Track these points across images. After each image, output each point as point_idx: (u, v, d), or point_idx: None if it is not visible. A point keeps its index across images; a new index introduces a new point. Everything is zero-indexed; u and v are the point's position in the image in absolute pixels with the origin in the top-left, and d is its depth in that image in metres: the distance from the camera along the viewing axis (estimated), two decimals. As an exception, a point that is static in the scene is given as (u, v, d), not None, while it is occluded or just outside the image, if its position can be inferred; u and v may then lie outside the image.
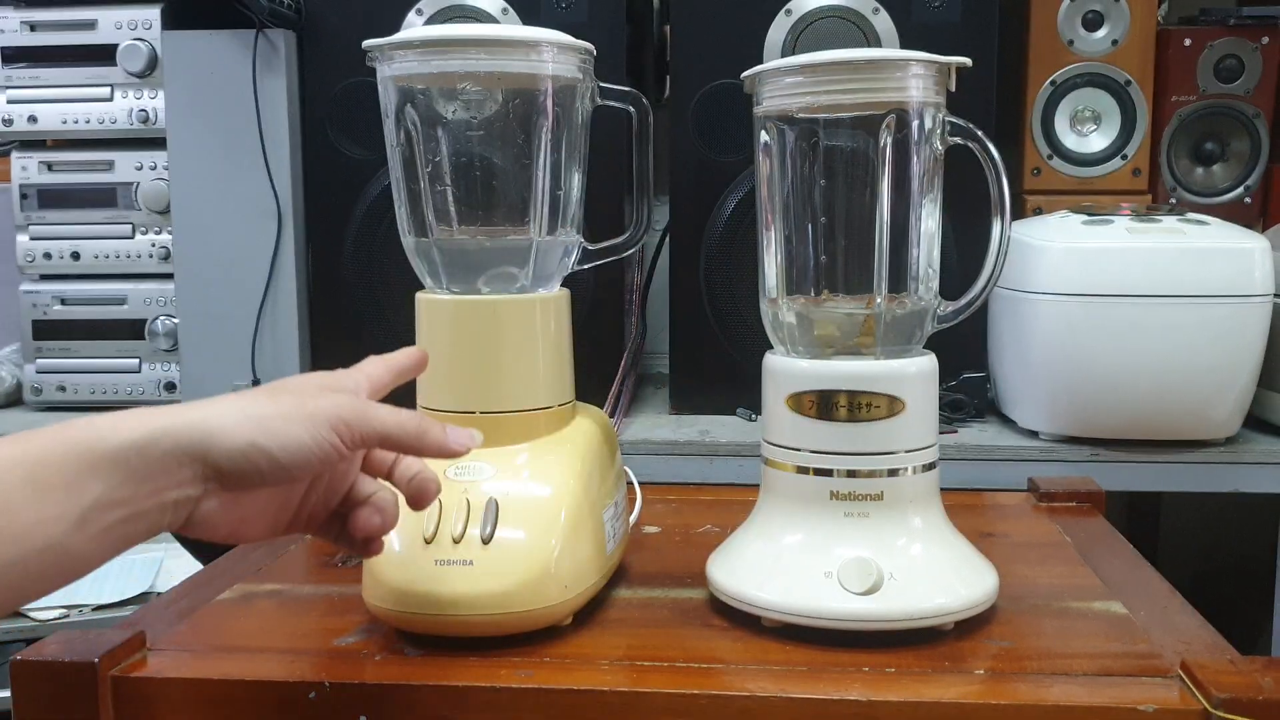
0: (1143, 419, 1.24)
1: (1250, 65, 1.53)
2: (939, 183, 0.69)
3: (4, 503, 0.44)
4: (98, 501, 0.46)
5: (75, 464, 0.46)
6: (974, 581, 0.65)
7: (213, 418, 0.49)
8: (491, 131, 0.71)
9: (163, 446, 0.47)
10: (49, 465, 0.45)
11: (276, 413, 0.51)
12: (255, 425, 0.50)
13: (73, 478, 0.45)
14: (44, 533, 0.44)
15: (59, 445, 0.46)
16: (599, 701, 0.57)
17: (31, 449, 0.45)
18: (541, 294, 0.72)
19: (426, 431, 0.55)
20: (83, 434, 0.46)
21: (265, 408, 0.51)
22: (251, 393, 0.53)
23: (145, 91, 1.41)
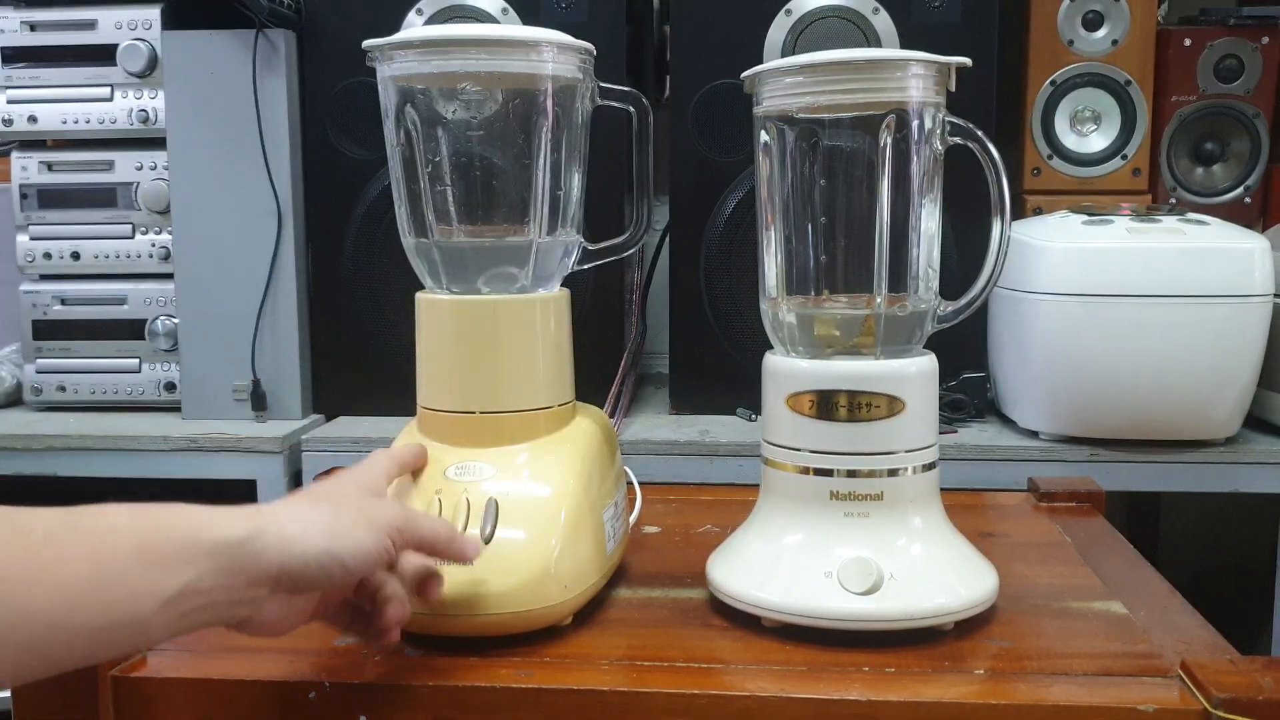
0: (1143, 419, 1.24)
1: (1250, 65, 1.53)
2: (939, 183, 0.69)
3: (117, 567, 0.46)
4: (187, 587, 0.47)
5: (178, 546, 0.48)
6: (974, 581, 0.65)
7: (292, 525, 0.52)
8: (491, 131, 0.71)
9: (251, 548, 0.50)
10: (157, 540, 0.47)
11: (345, 522, 0.54)
12: (328, 534, 0.53)
13: (172, 559, 0.47)
14: (134, 606, 0.46)
15: (167, 524, 0.48)
16: (599, 701, 0.57)
17: (145, 522, 0.48)
18: (541, 294, 0.72)
19: (454, 539, 0.60)
20: (187, 520, 0.49)
21: (334, 517, 0.54)
22: (314, 499, 0.57)
23: (145, 91, 1.41)
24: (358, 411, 1.42)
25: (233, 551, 0.49)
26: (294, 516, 0.52)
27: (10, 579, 0.43)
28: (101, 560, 0.45)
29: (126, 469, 1.33)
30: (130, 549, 0.46)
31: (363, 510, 0.56)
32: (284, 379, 1.39)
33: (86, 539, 0.46)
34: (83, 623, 0.44)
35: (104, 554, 0.45)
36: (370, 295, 1.39)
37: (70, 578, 0.44)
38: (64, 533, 0.45)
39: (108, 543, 0.46)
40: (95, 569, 0.45)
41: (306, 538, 0.52)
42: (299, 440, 1.33)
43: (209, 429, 1.34)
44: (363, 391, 1.40)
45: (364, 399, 1.41)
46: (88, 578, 0.45)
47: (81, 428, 1.37)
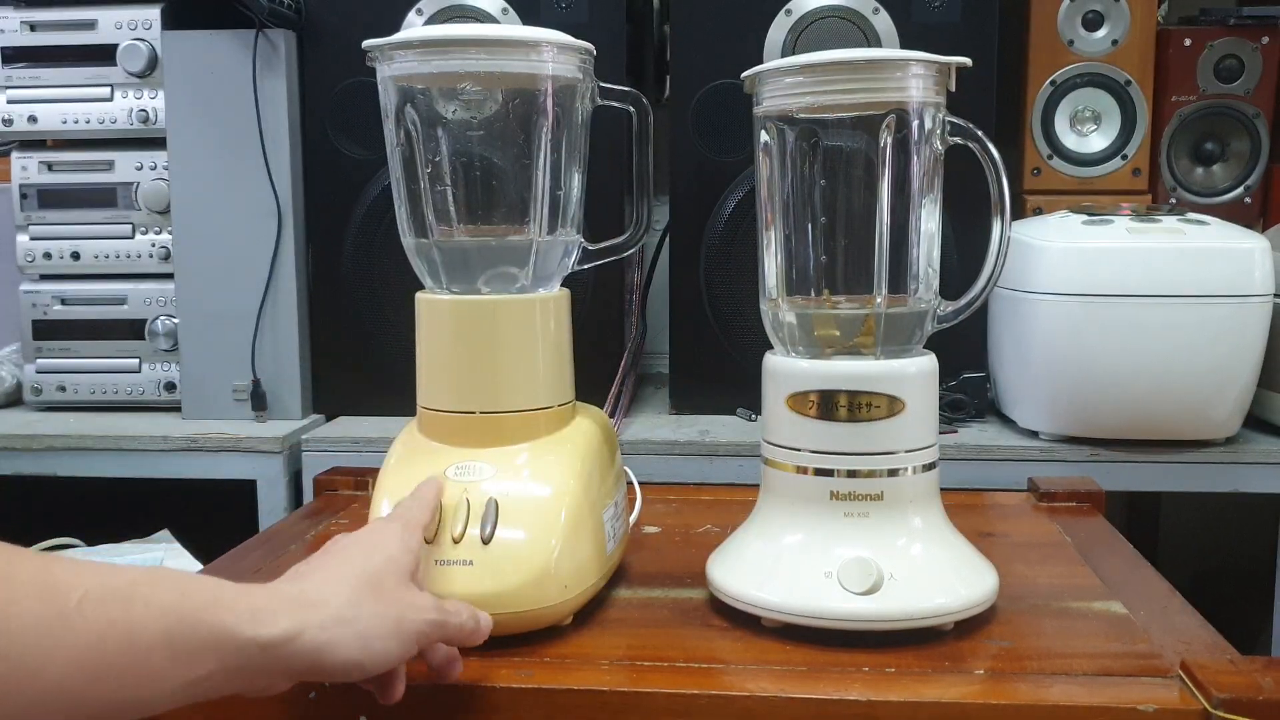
0: (1143, 419, 1.24)
1: (1250, 65, 1.53)
2: (939, 183, 0.69)
3: (145, 648, 0.45)
4: (207, 678, 0.47)
5: (208, 638, 0.47)
6: (974, 581, 0.65)
7: (328, 630, 0.51)
8: (491, 131, 0.71)
9: (283, 652, 0.49)
10: (189, 629, 0.46)
11: (380, 629, 0.53)
12: (361, 645, 0.52)
13: (201, 651, 0.46)
14: (153, 688, 0.45)
15: (203, 612, 0.47)
16: (599, 701, 0.57)
17: (182, 606, 0.46)
18: (541, 294, 0.72)
19: (475, 632, 0.58)
20: (226, 609, 0.48)
21: (369, 623, 0.52)
22: (355, 578, 0.54)
23: (145, 91, 1.41)
24: (358, 411, 1.42)
25: (265, 654, 0.48)
26: (334, 618, 0.51)
27: (36, 637, 0.42)
28: (132, 641, 0.45)
29: (126, 469, 1.33)
30: (160, 631, 0.45)
31: (399, 612, 0.54)
32: (284, 379, 1.39)
33: (122, 614, 0.45)
34: (97, 695, 0.44)
35: (136, 635, 0.45)
36: (370, 295, 1.39)
37: (96, 651, 0.44)
38: (100, 602, 0.44)
39: (141, 623, 0.45)
40: (123, 649, 0.44)
41: (340, 648, 0.51)
42: (299, 440, 1.33)
43: (209, 429, 1.34)
44: (363, 391, 1.40)
45: (364, 399, 1.41)
46: (114, 655, 0.44)
47: (81, 428, 1.37)
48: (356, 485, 0.95)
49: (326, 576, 0.54)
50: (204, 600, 0.47)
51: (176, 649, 0.46)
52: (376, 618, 0.53)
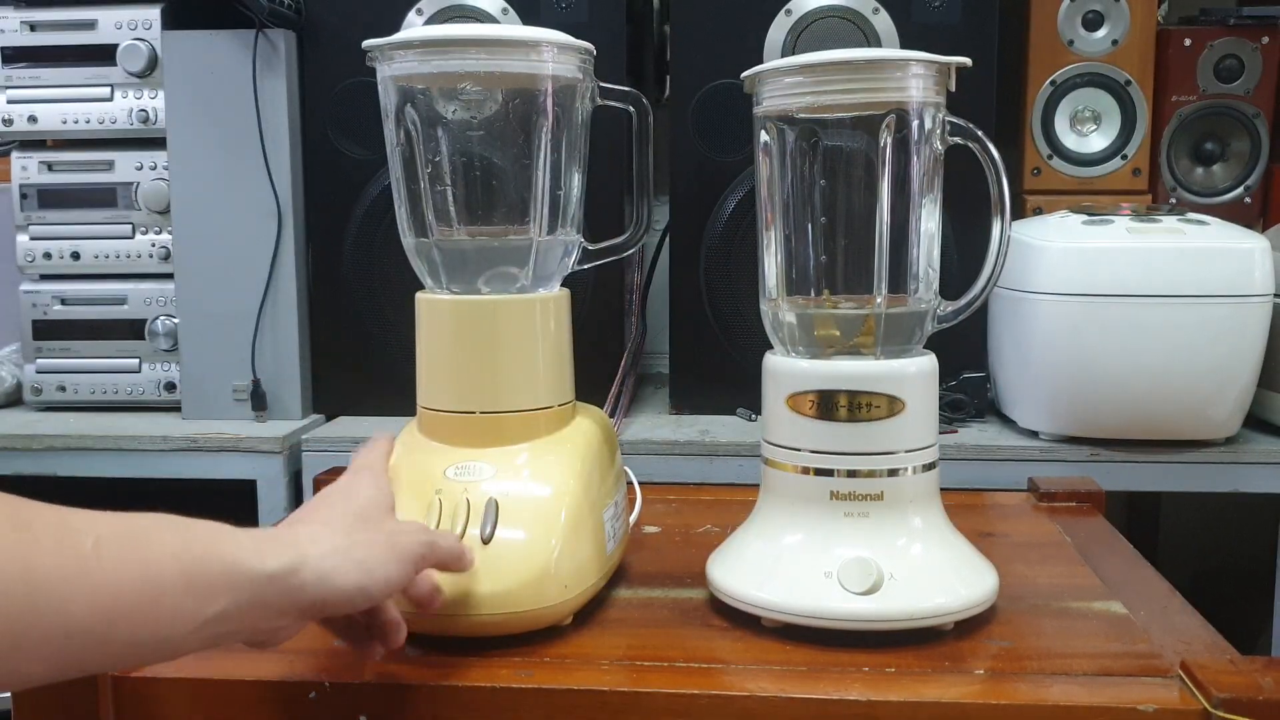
0: (1143, 419, 1.24)
1: (1250, 65, 1.53)
2: (939, 183, 0.69)
3: (162, 587, 0.46)
4: (223, 614, 0.48)
5: (220, 573, 0.48)
6: (974, 581, 0.65)
7: (329, 559, 0.52)
8: (491, 131, 0.71)
9: (291, 582, 0.51)
10: (202, 566, 0.48)
11: (378, 556, 0.55)
12: (363, 571, 0.54)
13: (215, 585, 0.48)
14: (171, 627, 0.46)
15: (213, 549, 0.49)
16: (599, 701, 0.57)
17: (193, 546, 0.48)
18: (541, 294, 0.72)
19: (463, 556, 0.61)
20: (232, 546, 0.49)
21: (367, 551, 0.54)
22: (345, 524, 0.56)
23: (145, 91, 1.41)
24: (358, 411, 1.42)
25: (274, 584, 0.50)
26: (331, 549, 0.53)
27: (55, 583, 0.43)
28: (148, 578, 0.46)
29: (126, 469, 1.33)
30: (176, 571, 0.46)
31: (391, 539, 0.56)
32: (284, 379, 1.39)
33: (135, 554, 0.46)
34: (118, 636, 0.45)
35: (150, 573, 0.46)
36: (370, 295, 1.39)
37: (114, 591, 0.44)
38: (114, 544, 0.45)
39: (155, 561, 0.46)
40: (140, 587, 0.45)
41: (342, 574, 0.53)
42: (299, 440, 1.33)
43: (209, 429, 1.34)
44: (363, 391, 1.40)
45: (364, 399, 1.41)
46: (131, 594, 0.45)
47: (81, 428, 1.37)
48: (356, 485, 0.94)
49: (316, 518, 0.57)
50: (211, 539, 0.49)
51: (192, 582, 0.47)
52: (372, 544, 0.55)
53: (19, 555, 0.42)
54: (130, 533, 0.47)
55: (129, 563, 0.45)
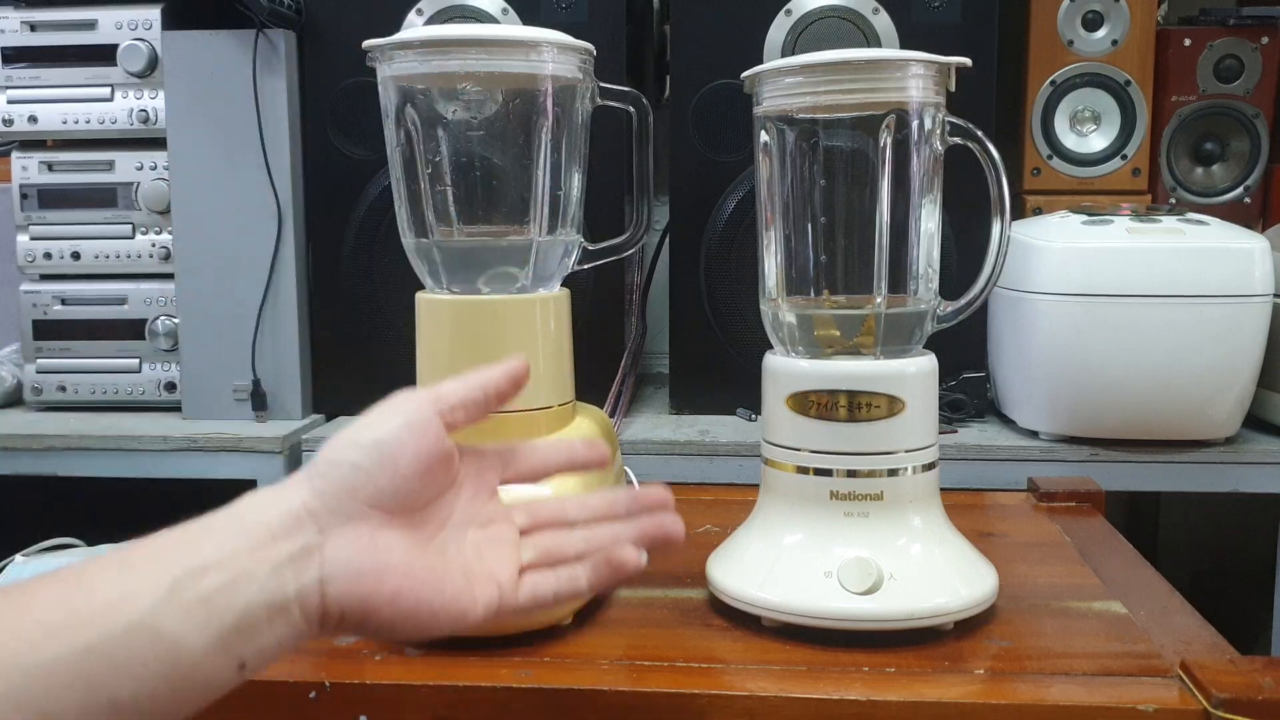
0: (1143, 419, 1.24)
1: (1250, 65, 1.53)
2: (939, 183, 0.69)
3: (87, 581, 0.39)
4: (188, 568, 0.40)
5: (165, 538, 0.42)
6: (974, 581, 0.65)
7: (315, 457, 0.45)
8: (491, 131, 0.71)
9: (259, 496, 0.43)
10: (141, 545, 0.41)
11: (366, 419, 0.48)
12: (348, 432, 0.47)
13: (162, 551, 0.41)
14: (127, 609, 0.39)
15: (159, 534, 0.42)
16: (599, 701, 0.57)
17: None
18: (541, 294, 0.72)
19: (492, 382, 0.50)
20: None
21: (355, 422, 0.48)
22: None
23: (145, 91, 1.41)
24: (358, 411, 1.38)
25: (237, 507, 0.43)
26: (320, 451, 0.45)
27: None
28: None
29: (126, 469, 1.33)
30: (110, 560, 0.41)
31: (390, 403, 0.49)
32: (284, 379, 1.39)
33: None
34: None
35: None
36: (370, 295, 1.38)
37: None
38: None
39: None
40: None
41: (324, 448, 0.45)
42: (299, 440, 1.33)
43: (209, 429, 1.34)
44: (363, 391, 1.38)
45: (364, 399, 1.38)
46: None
47: (81, 428, 1.37)
48: (356, 485, 0.94)
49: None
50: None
51: (157, 553, 0.41)
52: (362, 418, 0.47)
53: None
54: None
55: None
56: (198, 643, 0.40)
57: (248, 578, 0.41)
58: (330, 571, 0.43)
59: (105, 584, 0.39)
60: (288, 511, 0.43)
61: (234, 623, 0.40)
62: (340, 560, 0.43)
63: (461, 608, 0.47)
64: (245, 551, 0.41)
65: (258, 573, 0.41)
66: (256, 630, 0.41)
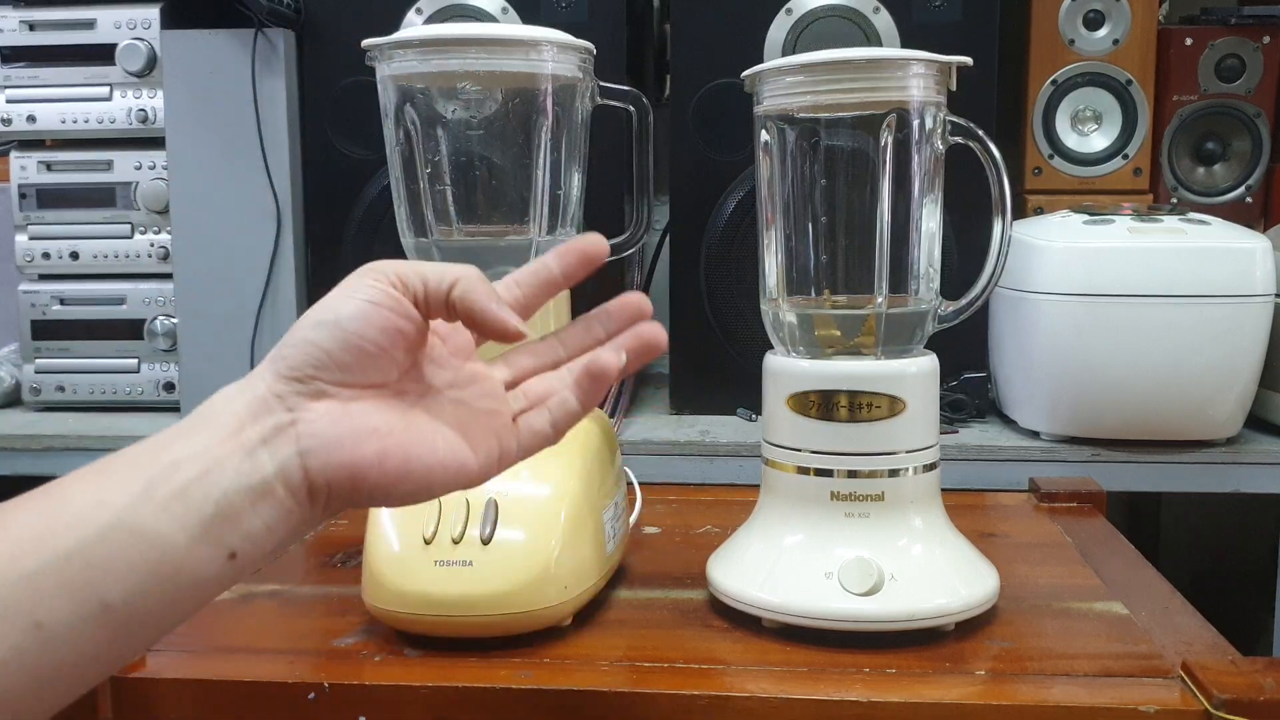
0: (1143, 419, 1.24)
1: (1251, 65, 1.53)
2: (939, 183, 0.69)
3: (63, 492, 0.39)
4: (161, 465, 0.40)
5: (139, 445, 0.41)
6: (975, 582, 0.65)
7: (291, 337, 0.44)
8: (491, 131, 0.71)
9: (226, 390, 0.42)
10: (116, 454, 0.41)
11: (328, 297, 0.47)
12: (310, 312, 0.46)
13: (136, 455, 0.41)
14: (103, 512, 0.39)
15: (134, 443, 0.41)
16: (599, 702, 0.57)
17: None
18: (541, 294, 0.71)
19: (462, 279, 0.47)
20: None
21: (319, 301, 0.46)
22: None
23: (144, 91, 1.41)
24: (357, 411, 1.41)
25: (205, 405, 0.42)
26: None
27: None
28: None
29: (126, 469, 1.33)
30: (86, 470, 0.40)
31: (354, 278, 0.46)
32: (283, 379, 1.39)
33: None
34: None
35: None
36: (370, 295, 1.38)
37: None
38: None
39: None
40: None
41: (290, 332, 0.44)
42: (298, 440, 1.33)
43: (208, 429, 1.34)
44: (362, 391, 1.40)
45: (364, 399, 1.40)
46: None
47: (81, 428, 1.37)
48: (356, 485, 0.94)
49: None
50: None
51: (131, 459, 0.41)
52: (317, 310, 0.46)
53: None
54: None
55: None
56: (179, 536, 0.39)
57: (221, 465, 0.41)
58: (306, 445, 0.42)
59: (80, 493, 0.39)
60: (254, 398, 0.43)
61: (214, 511, 0.40)
62: (314, 432, 0.43)
63: (459, 461, 0.46)
64: (216, 441, 0.41)
65: (231, 459, 0.41)
66: (240, 516, 0.41)
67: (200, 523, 0.40)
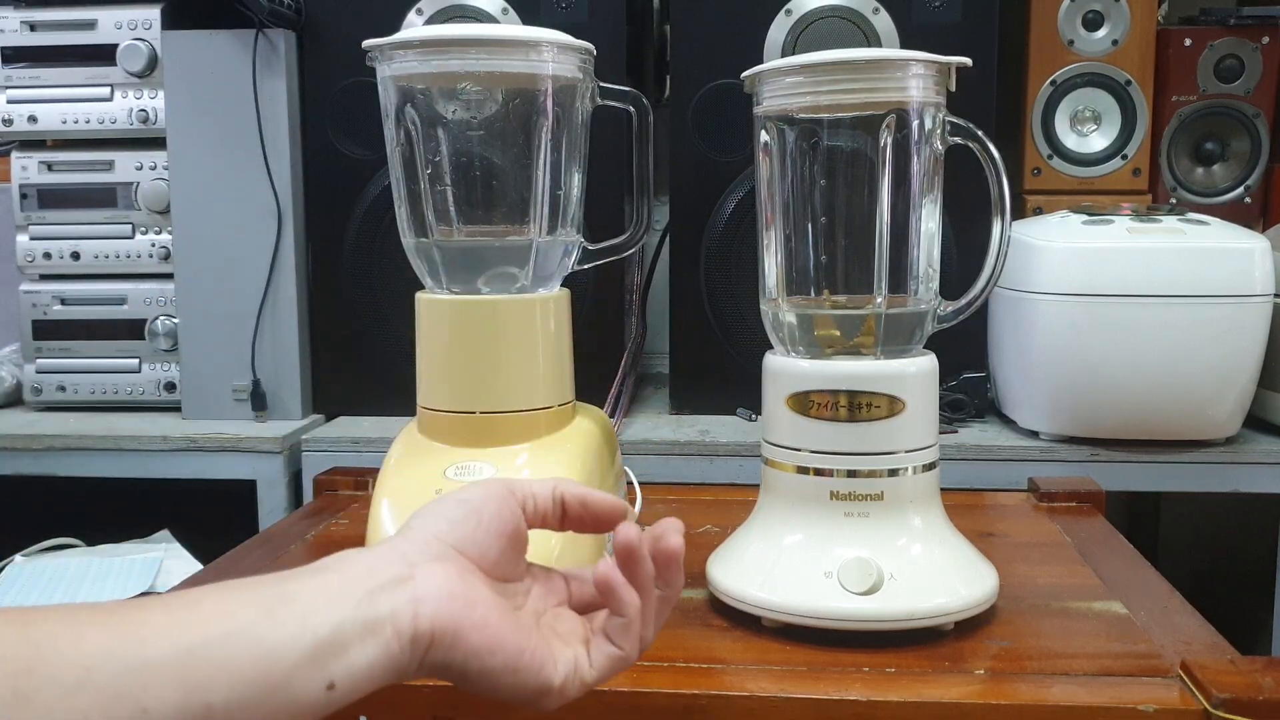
0: (1143, 419, 1.24)
1: (1250, 65, 1.53)
2: (939, 183, 0.69)
3: (191, 598, 0.42)
4: (286, 591, 0.42)
5: (263, 577, 0.43)
6: (974, 581, 0.65)
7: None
8: (491, 131, 0.71)
9: (348, 550, 0.45)
10: (242, 580, 0.43)
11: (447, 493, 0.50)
12: (431, 503, 0.49)
13: (263, 582, 0.43)
14: (229, 620, 0.41)
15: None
16: (599, 701, 0.57)
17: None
18: (541, 294, 0.72)
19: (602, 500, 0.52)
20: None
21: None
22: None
23: (145, 91, 1.41)
24: (358, 411, 1.42)
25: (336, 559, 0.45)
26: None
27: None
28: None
29: (126, 469, 1.33)
30: (217, 587, 0.43)
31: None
32: (284, 379, 1.39)
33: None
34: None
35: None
36: (370, 295, 1.38)
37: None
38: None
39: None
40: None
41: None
42: (299, 440, 1.33)
43: (209, 429, 1.34)
44: (362, 391, 1.40)
45: (364, 399, 1.41)
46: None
47: (81, 428, 1.37)
48: (356, 485, 0.95)
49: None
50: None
51: (257, 580, 0.43)
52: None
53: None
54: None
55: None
56: (291, 653, 0.41)
57: (341, 599, 0.43)
58: (421, 594, 0.45)
59: (209, 601, 0.42)
60: (377, 554, 0.45)
61: (327, 636, 0.42)
62: (431, 585, 0.45)
63: (542, 665, 0.48)
64: (339, 582, 0.44)
65: (352, 595, 0.43)
66: (348, 648, 0.42)
67: (313, 644, 0.42)
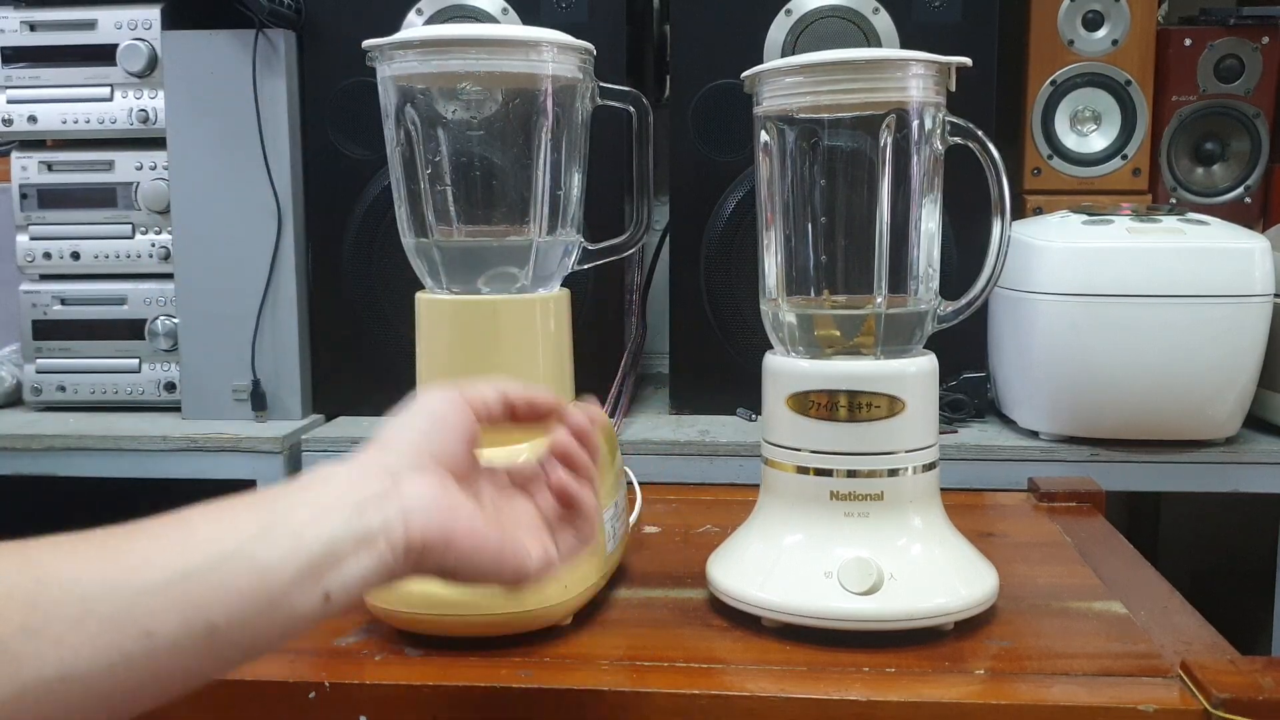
0: (1143, 419, 1.24)
1: (1250, 65, 1.53)
2: (939, 183, 0.69)
3: (185, 523, 0.43)
4: (276, 510, 0.44)
5: (251, 495, 0.45)
6: (974, 581, 0.65)
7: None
8: (491, 131, 0.71)
9: (327, 465, 0.47)
10: (230, 499, 0.44)
11: (407, 408, 0.52)
12: (397, 417, 0.51)
13: (252, 502, 0.45)
14: (224, 541, 0.42)
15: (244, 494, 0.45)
16: (599, 701, 0.57)
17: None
18: (541, 294, 0.71)
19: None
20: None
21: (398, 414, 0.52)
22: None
23: (145, 91, 1.41)
24: (358, 411, 1.42)
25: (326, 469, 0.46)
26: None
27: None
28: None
29: (126, 469, 1.33)
30: (206, 508, 0.44)
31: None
32: (284, 379, 1.39)
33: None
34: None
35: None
36: (370, 295, 1.38)
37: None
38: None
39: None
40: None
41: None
42: (299, 440, 1.33)
43: (209, 429, 1.34)
44: (362, 391, 1.40)
45: (364, 399, 1.41)
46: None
47: (81, 428, 1.37)
48: (356, 485, 0.94)
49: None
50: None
51: (251, 501, 0.44)
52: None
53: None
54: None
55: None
56: (287, 570, 0.42)
57: (332, 513, 0.44)
58: (410, 505, 0.46)
59: (203, 524, 0.43)
60: (360, 467, 0.47)
61: (321, 550, 0.43)
62: (417, 495, 0.47)
63: (519, 557, 0.50)
64: (328, 495, 0.45)
65: (341, 511, 0.45)
66: (343, 561, 0.44)
67: (308, 560, 0.43)
